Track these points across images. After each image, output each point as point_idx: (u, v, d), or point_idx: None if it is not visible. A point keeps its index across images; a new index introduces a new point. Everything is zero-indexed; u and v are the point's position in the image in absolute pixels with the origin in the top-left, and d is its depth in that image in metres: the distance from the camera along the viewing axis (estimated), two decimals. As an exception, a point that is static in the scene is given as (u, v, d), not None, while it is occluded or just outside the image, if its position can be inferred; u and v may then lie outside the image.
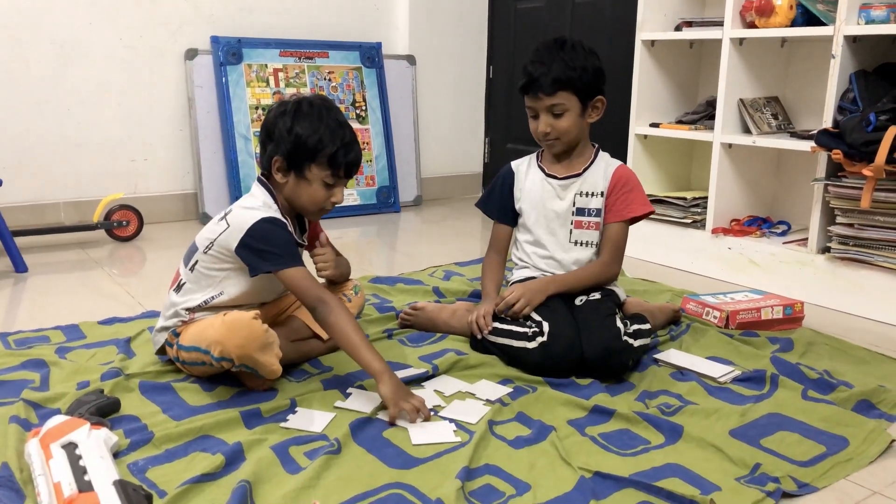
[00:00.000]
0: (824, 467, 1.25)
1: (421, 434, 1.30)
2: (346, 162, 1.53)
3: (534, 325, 1.62)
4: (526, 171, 1.85)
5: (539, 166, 1.83)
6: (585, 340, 1.58)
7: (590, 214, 1.78)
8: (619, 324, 1.60)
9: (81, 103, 2.95)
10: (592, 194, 1.77)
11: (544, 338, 1.58)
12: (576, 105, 1.71)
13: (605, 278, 1.78)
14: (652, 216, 2.59)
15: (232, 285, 1.54)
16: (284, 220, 1.53)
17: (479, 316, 1.69)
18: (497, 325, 1.67)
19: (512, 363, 1.63)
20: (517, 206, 1.84)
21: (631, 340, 1.60)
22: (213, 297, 1.54)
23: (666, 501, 1.13)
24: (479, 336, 1.68)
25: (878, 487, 1.22)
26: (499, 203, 1.87)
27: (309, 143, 1.51)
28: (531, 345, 1.59)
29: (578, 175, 1.78)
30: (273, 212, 1.53)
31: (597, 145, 1.83)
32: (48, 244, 2.76)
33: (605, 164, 1.80)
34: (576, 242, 1.78)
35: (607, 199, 1.77)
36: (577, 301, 1.72)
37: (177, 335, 1.54)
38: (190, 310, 1.54)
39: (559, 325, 1.60)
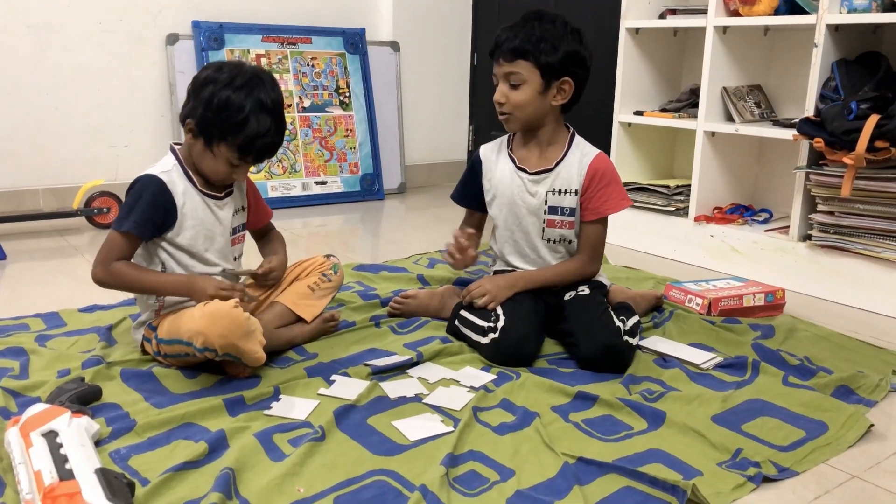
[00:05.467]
0: (804, 452, 1.27)
1: (415, 431, 1.30)
2: (256, 150, 1.48)
3: (492, 320, 1.61)
4: (496, 158, 1.77)
5: (509, 155, 1.76)
6: (584, 339, 1.57)
7: (563, 213, 1.71)
8: (617, 322, 1.60)
9: (60, 88, 2.91)
10: (566, 192, 1.70)
11: (496, 334, 1.58)
12: (535, 79, 1.62)
13: (581, 277, 1.73)
14: (635, 204, 2.64)
15: (166, 254, 1.52)
16: (160, 179, 1.48)
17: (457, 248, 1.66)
18: (463, 314, 1.67)
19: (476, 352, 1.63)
20: (486, 198, 1.78)
21: (630, 339, 1.60)
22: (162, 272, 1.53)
23: (648, 486, 1.14)
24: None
25: (857, 471, 1.24)
26: (472, 193, 1.81)
27: (224, 121, 1.45)
28: (484, 340, 1.60)
29: (551, 170, 1.71)
30: (163, 170, 1.50)
31: (571, 130, 1.76)
32: (27, 231, 2.73)
33: (580, 155, 1.71)
34: (548, 240, 1.74)
35: (583, 195, 1.70)
36: (567, 296, 1.71)
37: (153, 329, 1.53)
38: (156, 295, 1.54)
39: (513, 322, 1.59)
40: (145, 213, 1.47)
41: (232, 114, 1.44)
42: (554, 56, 1.62)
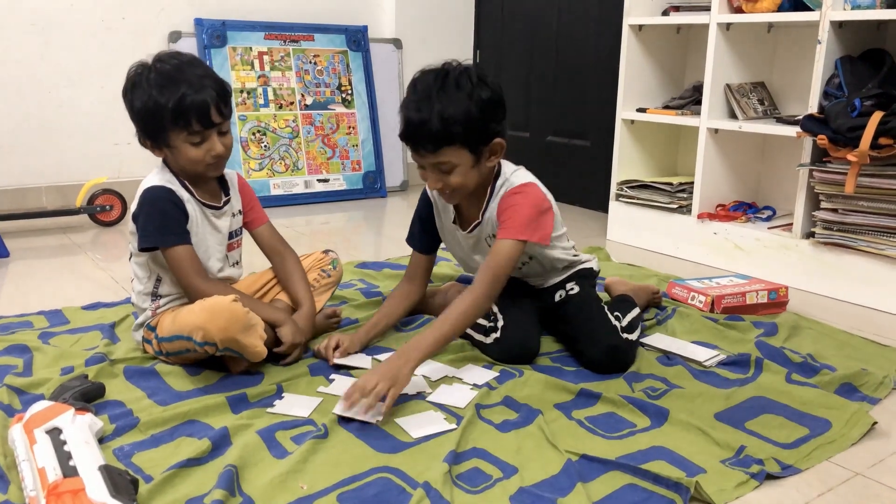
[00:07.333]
0: (807, 449, 1.27)
1: (418, 428, 1.30)
2: (193, 112, 1.42)
3: (492, 320, 1.60)
4: (443, 206, 1.67)
5: (453, 207, 1.64)
6: (585, 343, 1.57)
7: None
8: (613, 320, 1.59)
9: (63, 86, 2.91)
10: (495, 235, 1.57)
11: (497, 333, 1.58)
12: (466, 158, 1.46)
13: (473, 317, 1.50)
14: (638, 201, 2.64)
15: (160, 266, 1.52)
16: (170, 189, 1.48)
17: (328, 346, 1.54)
18: None
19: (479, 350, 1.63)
20: (443, 240, 1.73)
21: (629, 336, 1.60)
22: (158, 282, 1.53)
23: (652, 483, 1.14)
24: (329, 362, 1.52)
25: (860, 469, 1.23)
26: (429, 234, 1.72)
27: (147, 114, 1.43)
28: (487, 340, 1.60)
29: (479, 223, 1.61)
30: (164, 180, 1.49)
31: (497, 170, 1.58)
32: (30, 229, 2.73)
33: (499, 199, 1.56)
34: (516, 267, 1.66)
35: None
36: (557, 297, 1.69)
37: (152, 329, 1.53)
38: (150, 297, 1.54)
39: (513, 321, 1.58)
40: (178, 222, 1.47)
41: (149, 106, 1.42)
42: (476, 127, 1.45)
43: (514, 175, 1.60)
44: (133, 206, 1.51)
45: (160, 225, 1.47)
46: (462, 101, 1.43)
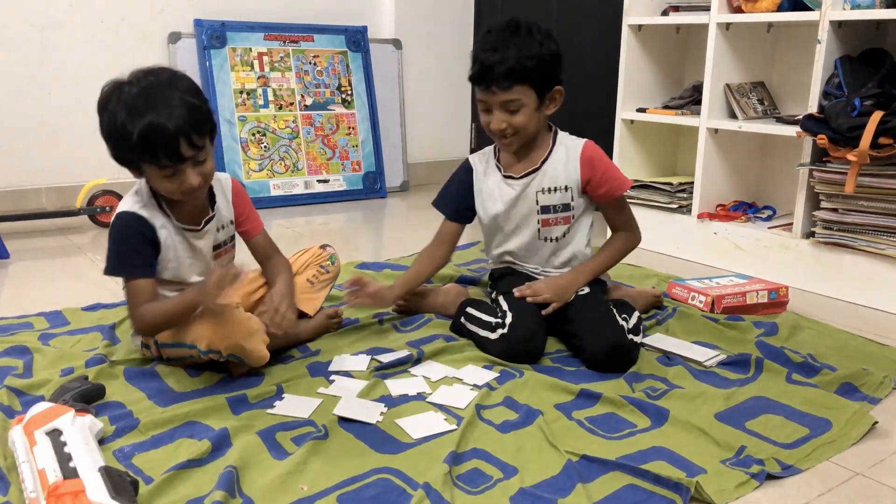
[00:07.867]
0: (808, 449, 1.27)
1: (418, 429, 1.30)
2: (160, 147, 1.30)
3: (499, 315, 1.61)
4: (485, 170, 1.75)
5: (497, 166, 1.73)
6: (589, 340, 1.57)
7: (556, 211, 1.69)
8: (621, 320, 1.60)
9: (62, 87, 2.91)
10: (555, 189, 1.68)
11: (504, 329, 1.58)
12: (532, 99, 1.59)
13: (631, 249, 1.77)
14: (638, 201, 2.64)
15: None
16: (140, 216, 1.42)
17: (359, 282, 1.65)
18: (470, 310, 1.67)
19: (480, 349, 1.63)
20: (477, 209, 1.77)
21: (634, 337, 1.60)
22: None
23: (652, 484, 1.14)
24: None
25: (861, 469, 1.23)
26: (456, 202, 1.78)
27: (115, 141, 1.35)
28: (493, 336, 1.60)
29: (537, 169, 1.68)
30: (138, 204, 1.43)
31: (554, 128, 1.73)
32: (30, 230, 2.73)
33: (565, 150, 1.69)
34: (545, 239, 1.72)
35: (587, 186, 1.68)
36: None
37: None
38: None
39: (521, 318, 1.59)
40: (142, 254, 1.42)
41: (117, 133, 1.34)
42: (545, 71, 1.58)
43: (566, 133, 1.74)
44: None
45: (121, 255, 1.44)
46: (535, 45, 1.57)
